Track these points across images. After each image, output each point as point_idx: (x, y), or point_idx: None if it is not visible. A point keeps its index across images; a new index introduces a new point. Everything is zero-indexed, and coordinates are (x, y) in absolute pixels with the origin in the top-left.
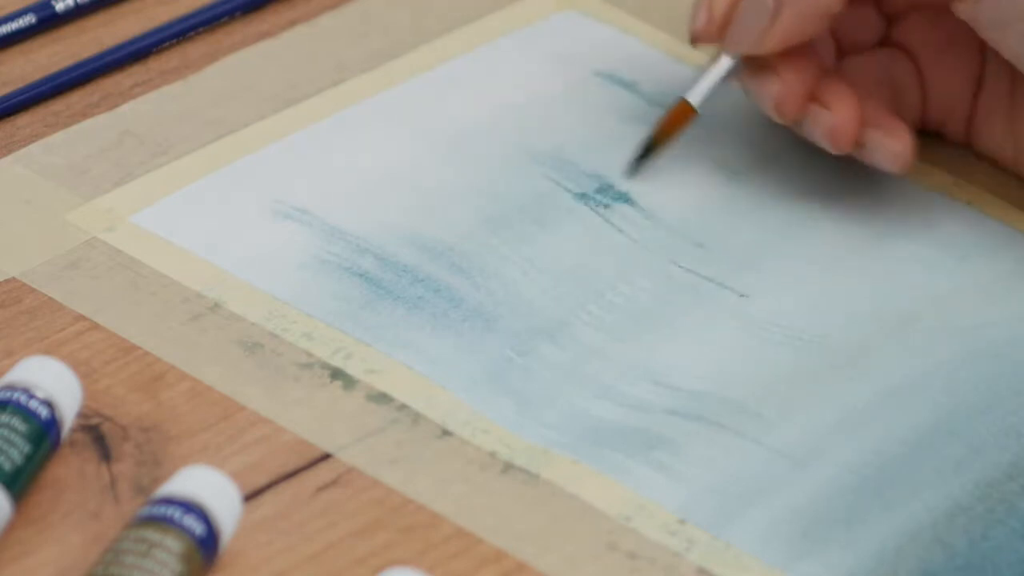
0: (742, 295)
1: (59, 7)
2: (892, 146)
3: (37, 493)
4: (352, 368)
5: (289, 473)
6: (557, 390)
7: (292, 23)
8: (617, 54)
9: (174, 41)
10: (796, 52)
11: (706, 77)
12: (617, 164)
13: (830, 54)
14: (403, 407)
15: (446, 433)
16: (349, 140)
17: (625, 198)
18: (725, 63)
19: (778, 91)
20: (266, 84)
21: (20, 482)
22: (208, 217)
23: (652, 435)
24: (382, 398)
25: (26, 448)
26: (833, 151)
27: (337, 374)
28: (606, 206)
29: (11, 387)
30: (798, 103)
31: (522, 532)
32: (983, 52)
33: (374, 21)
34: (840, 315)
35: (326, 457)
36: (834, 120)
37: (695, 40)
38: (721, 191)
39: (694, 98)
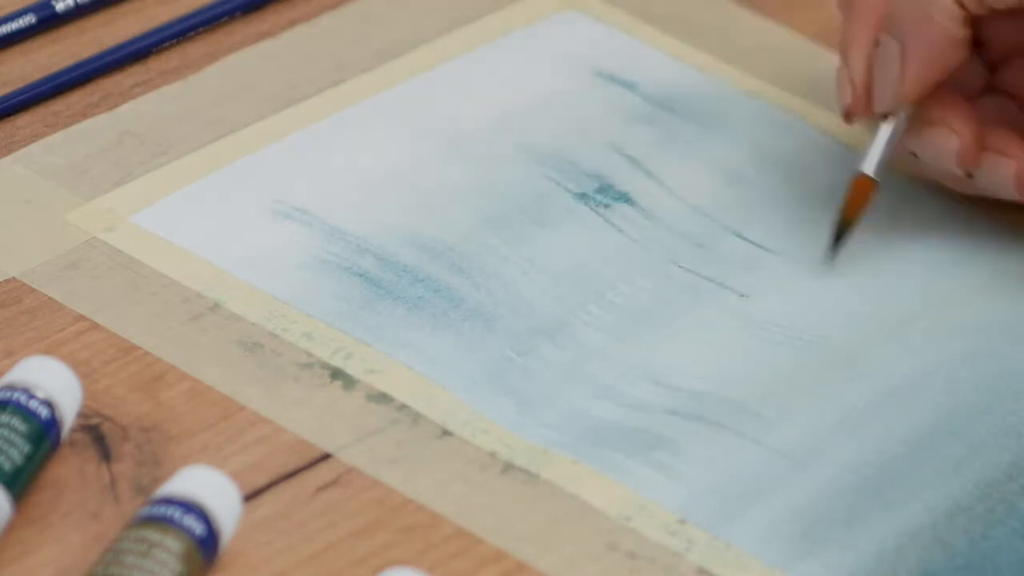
0: (742, 295)
1: (59, 7)
2: None
3: (37, 493)
4: (352, 368)
5: (289, 473)
6: (557, 390)
7: (292, 23)
8: (617, 54)
9: (174, 41)
10: (954, 103)
11: (875, 145)
12: (617, 164)
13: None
14: (403, 407)
15: (446, 433)
16: (349, 140)
17: (625, 198)
18: (887, 127)
19: (954, 142)
20: (266, 84)
21: (20, 482)
22: (208, 217)
23: (652, 435)
24: (382, 398)
25: (26, 448)
26: (1015, 197)
27: (337, 374)
28: (606, 206)
29: (11, 387)
30: (975, 151)
31: (522, 532)
32: None
33: (374, 21)
34: (840, 315)
35: (326, 457)
36: (1019, 165)
37: (848, 116)
38: (721, 191)
39: (870, 169)
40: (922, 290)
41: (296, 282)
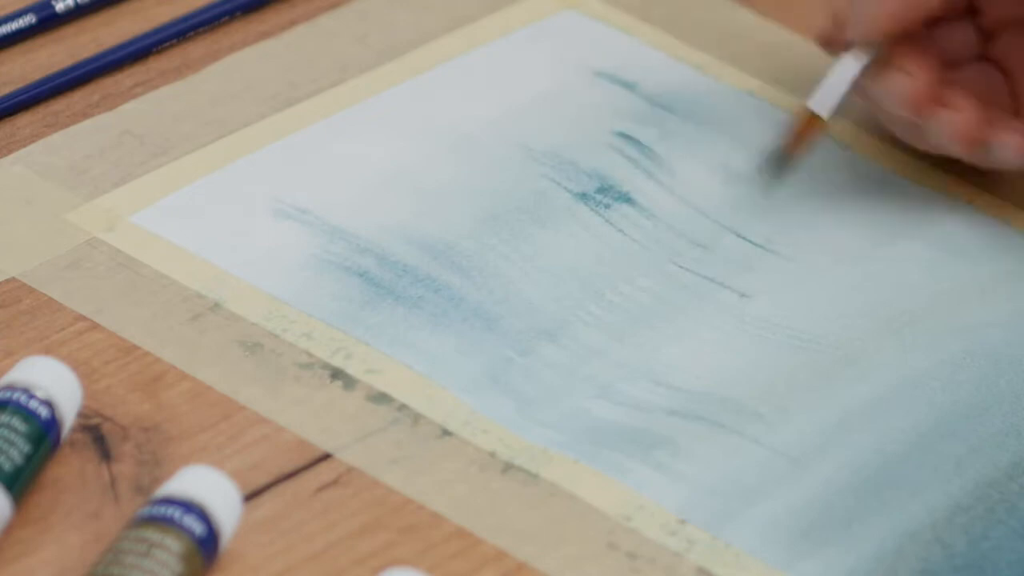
0: (742, 295)
1: (59, 7)
2: (1019, 143)
3: (37, 493)
4: (352, 368)
5: (289, 473)
6: (557, 390)
7: (292, 23)
8: (617, 54)
9: (174, 41)
10: (918, 52)
11: (828, 81)
12: (617, 164)
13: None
14: (403, 407)
15: (446, 433)
16: (349, 140)
17: (625, 198)
18: (845, 63)
19: (907, 85)
20: (266, 84)
21: (20, 482)
22: (208, 217)
23: (652, 435)
24: (382, 398)
25: (26, 448)
26: (958, 152)
27: (337, 374)
28: (606, 206)
29: (11, 387)
30: (925, 100)
31: (522, 532)
32: None
33: (374, 21)
34: (840, 315)
35: (326, 457)
36: (962, 119)
37: (825, 44)
38: (721, 191)
39: (819, 106)
40: (922, 290)
41: (296, 282)
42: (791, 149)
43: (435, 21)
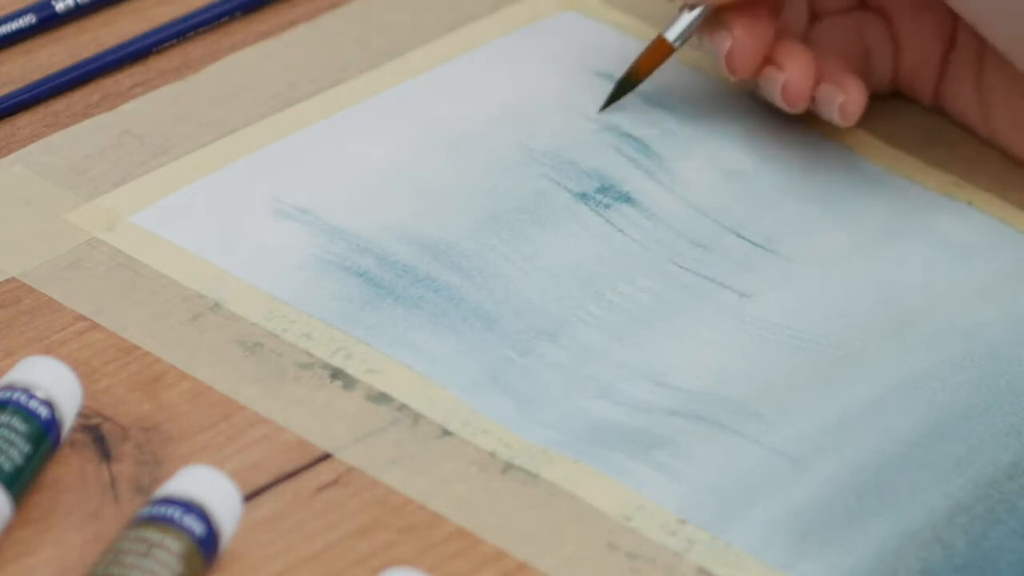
0: (742, 295)
1: (59, 7)
2: (838, 98)
3: (37, 493)
4: (352, 368)
5: (289, 473)
6: (557, 390)
7: (292, 23)
8: (617, 54)
9: (174, 41)
10: (752, 13)
11: (680, 20)
12: (617, 164)
13: (802, 17)
14: (403, 407)
15: (446, 433)
16: (349, 140)
17: (625, 198)
18: (692, 13)
19: (729, 47)
20: (266, 84)
21: (20, 482)
22: (208, 217)
23: (652, 435)
24: (382, 398)
25: (26, 448)
26: (788, 109)
27: (337, 374)
28: (606, 206)
29: (11, 387)
30: (749, 61)
31: (522, 532)
32: (955, 16)
33: (374, 21)
34: (840, 315)
35: (326, 457)
36: (786, 78)
37: None
38: (721, 191)
39: (671, 35)
40: (922, 290)
41: (296, 282)
42: (639, 71)
43: (435, 21)
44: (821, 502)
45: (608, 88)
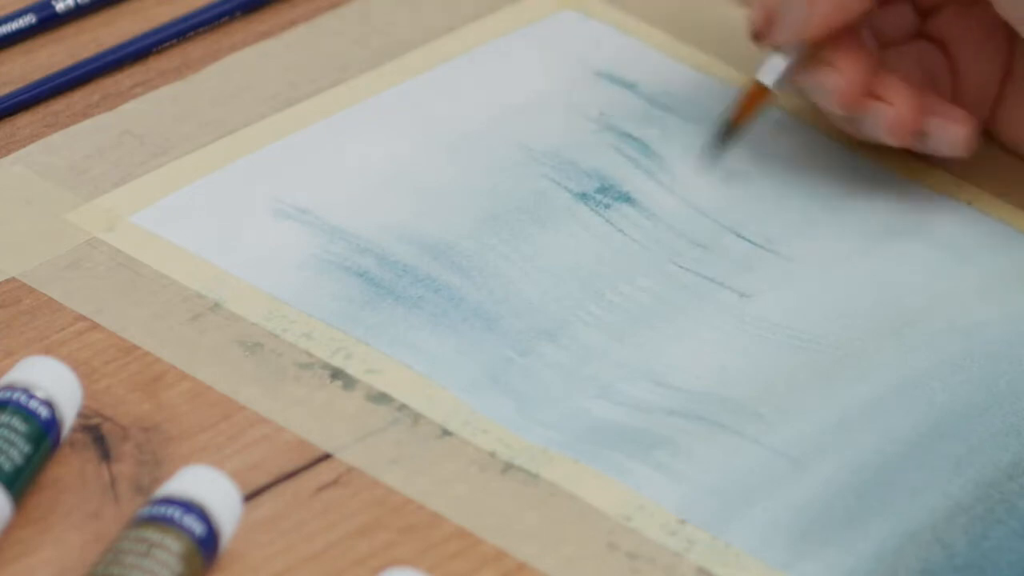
0: (742, 295)
1: (59, 7)
2: (956, 131)
3: (37, 493)
4: (352, 368)
5: (289, 473)
6: (557, 390)
7: (292, 23)
8: (617, 54)
9: (174, 41)
10: (849, 46)
11: (774, 58)
12: (617, 164)
13: (874, 49)
14: (403, 407)
15: (446, 433)
16: (349, 140)
17: (625, 198)
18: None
19: (836, 82)
20: (266, 84)
21: (20, 482)
22: (208, 217)
23: (652, 435)
24: (382, 398)
25: (26, 448)
26: (895, 143)
27: (337, 374)
28: (606, 206)
29: (11, 387)
30: (857, 95)
31: (522, 532)
32: (1012, 44)
33: (374, 21)
34: (840, 315)
35: (326, 457)
36: (895, 113)
37: (756, 37)
38: (721, 191)
39: (767, 78)
40: (922, 290)
41: (296, 282)
42: (738, 119)
43: (435, 21)
44: (821, 502)
45: (608, 88)
